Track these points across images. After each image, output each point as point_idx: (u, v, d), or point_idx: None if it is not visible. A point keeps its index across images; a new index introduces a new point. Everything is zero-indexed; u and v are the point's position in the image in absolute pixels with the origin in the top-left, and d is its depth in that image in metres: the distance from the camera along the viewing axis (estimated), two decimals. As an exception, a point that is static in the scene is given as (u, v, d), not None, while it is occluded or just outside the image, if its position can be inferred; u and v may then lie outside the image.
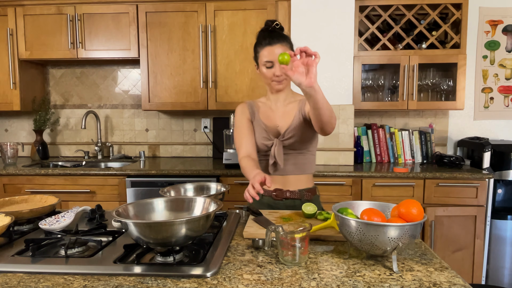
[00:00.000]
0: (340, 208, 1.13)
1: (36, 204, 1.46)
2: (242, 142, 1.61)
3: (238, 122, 1.66)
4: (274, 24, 1.59)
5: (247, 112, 1.67)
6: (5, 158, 2.92)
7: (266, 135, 1.61)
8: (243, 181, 2.57)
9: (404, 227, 0.97)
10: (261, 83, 2.79)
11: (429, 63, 2.77)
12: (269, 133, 1.62)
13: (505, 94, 3.06)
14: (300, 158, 1.63)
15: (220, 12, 2.77)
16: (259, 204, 1.64)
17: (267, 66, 1.55)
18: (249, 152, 1.59)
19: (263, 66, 1.57)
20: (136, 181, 2.60)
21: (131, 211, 1.12)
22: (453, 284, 0.93)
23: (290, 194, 1.62)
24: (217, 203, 1.14)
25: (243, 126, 1.64)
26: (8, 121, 3.37)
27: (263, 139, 1.61)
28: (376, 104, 2.86)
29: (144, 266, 1.00)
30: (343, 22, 2.69)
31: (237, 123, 1.67)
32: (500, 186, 2.66)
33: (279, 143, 1.58)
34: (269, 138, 1.61)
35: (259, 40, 1.60)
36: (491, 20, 3.01)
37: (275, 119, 1.64)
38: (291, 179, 1.63)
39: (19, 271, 1.00)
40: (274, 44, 1.54)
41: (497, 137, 3.07)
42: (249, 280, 0.94)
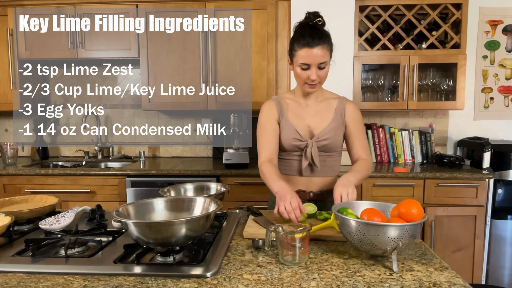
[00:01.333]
0: (340, 208, 1.13)
1: (36, 204, 1.46)
2: (264, 146, 1.55)
3: (263, 122, 1.58)
4: (317, 20, 1.46)
5: (275, 111, 1.57)
6: (5, 158, 2.92)
7: (297, 136, 1.53)
8: (243, 181, 2.57)
9: (404, 227, 0.97)
10: (262, 83, 2.80)
11: (429, 63, 2.77)
12: (300, 133, 1.54)
13: (505, 94, 3.06)
14: (329, 160, 1.58)
15: (220, 12, 2.77)
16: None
17: (303, 68, 1.45)
18: (271, 157, 1.53)
19: (298, 67, 1.46)
20: (136, 181, 2.59)
21: (131, 211, 1.12)
22: (453, 284, 0.93)
23: (313, 195, 1.56)
24: (217, 203, 1.14)
25: (268, 128, 1.56)
26: (8, 121, 3.37)
27: (293, 140, 1.53)
28: (376, 104, 2.86)
29: (144, 266, 1.01)
30: (343, 22, 2.69)
31: (261, 123, 1.59)
32: (500, 186, 2.66)
33: (315, 144, 1.52)
34: (301, 139, 1.53)
35: (297, 36, 1.46)
36: (491, 20, 3.01)
37: (306, 118, 1.56)
38: (317, 180, 1.58)
39: (19, 271, 1.00)
40: (313, 46, 1.42)
41: (497, 137, 3.07)
42: (249, 280, 0.94)
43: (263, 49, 2.77)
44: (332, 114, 1.56)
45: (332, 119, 1.56)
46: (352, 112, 1.59)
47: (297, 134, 1.54)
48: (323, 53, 1.43)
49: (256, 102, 2.80)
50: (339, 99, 1.61)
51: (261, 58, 2.78)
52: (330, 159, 1.58)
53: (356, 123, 1.59)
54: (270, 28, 2.74)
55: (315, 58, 1.42)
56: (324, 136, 1.53)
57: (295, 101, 1.59)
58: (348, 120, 1.57)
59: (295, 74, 1.50)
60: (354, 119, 1.59)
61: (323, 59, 1.43)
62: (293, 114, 1.57)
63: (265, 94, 2.79)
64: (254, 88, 2.81)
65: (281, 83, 2.83)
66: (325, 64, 1.45)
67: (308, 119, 1.56)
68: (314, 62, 1.43)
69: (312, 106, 1.58)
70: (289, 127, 1.55)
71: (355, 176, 1.42)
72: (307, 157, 1.53)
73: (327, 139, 1.53)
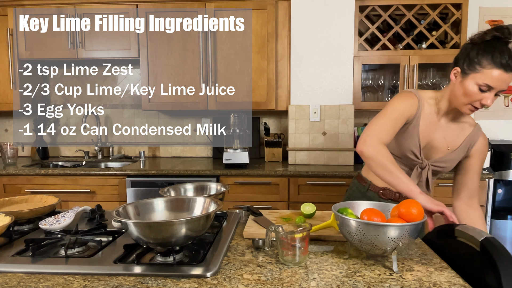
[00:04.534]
0: (340, 208, 1.13)
1: (36, 204, 1.46)
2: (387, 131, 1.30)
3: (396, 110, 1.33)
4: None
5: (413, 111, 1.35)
6: (5, 158, 2.92)
7: (416, 151, 1.36)
8: (243, 181, 2.57)
9: (404, 227, 0.97)
10: (261, 83, 2.79)
11: (429, 63, 2.77)
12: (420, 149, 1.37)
13: (505, 94, 3.06)
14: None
15: (220, 12, 2.77)
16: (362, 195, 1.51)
17: (482, 89, 1.22)
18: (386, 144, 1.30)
19: (476, 85, 1.23)
20: (136, 181, 2.59)
21: (131, 211, 1.12)
22: (453, 284, 0.93)
23: (398, 195, 1.44)
24: (217, 203, 1.14)
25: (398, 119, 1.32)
26: (8, 121, 3.37)
27: (410, 153, 1.37)
28: (376, 104, 2.85)
29: (144, 266, 1.00)
30: (343, 22, 2.69)
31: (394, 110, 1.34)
32: (500, 186, 2.66)
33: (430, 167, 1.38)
34: (418, 155, 1.37)
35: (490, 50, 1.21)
36: (491, 20, 3.01)
37: (434, 138, 1.38)
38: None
39: (19, 271, 1.00)
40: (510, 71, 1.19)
41: (497, 137, 3.07)
42: (249, 280, 0.94)
43: (263, 49, 2.77)
44: (461, 141, 1.39)
45: (458, 147, 1.39)
46: (482, 147, 1.41)
47: (417, 148, 1.36)
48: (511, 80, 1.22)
49: (256, 102, 2.80)
50: (474, 127, 1.41)
51: (261, 58, 2.78)
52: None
53: (482, 160, 1.43)
54: (270, 28, 2.75)
55: (503, 84, 1.21)
56: (442, 163, 1.39)
57: (433, 110, 1.38)
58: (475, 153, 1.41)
59: (465, 90, 1.25)
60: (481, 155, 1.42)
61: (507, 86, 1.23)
62: (424, 124, 1.36)
63: (265, 94, 2.80)
64: (254, 88, 2.81)
65: (281, 83, 2.83)
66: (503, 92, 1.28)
67: (436, 139, 1.38)
68: (499, 88, 1.21)
69: (446, 126, 1.39)
70: (414, 136, 1.35)
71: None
72: (421, 179, 1.39)
73: (446, 168, 1.40)
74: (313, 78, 2.75)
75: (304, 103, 2.78)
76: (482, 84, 1.21)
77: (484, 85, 1.21)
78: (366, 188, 1.52)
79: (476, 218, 1.43)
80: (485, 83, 1.21)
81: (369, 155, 1.27)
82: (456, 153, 1.39)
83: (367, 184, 1.52)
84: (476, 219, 1.42)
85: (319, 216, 1.44)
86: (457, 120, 1.40)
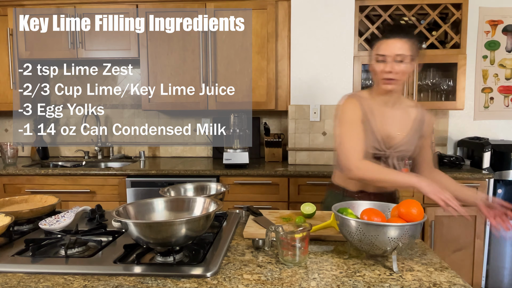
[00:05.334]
0: (340, 208, 1.13)
1: (36, 204, 1.46)
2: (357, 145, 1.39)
3: (350, 120, 1.44)
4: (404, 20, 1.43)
5: (359, 111, 1.45)
6: (5, 158, 2.92)
7: (377, 145, 1.44)
8: (243, 181, 2.57)
9: (404, 227, 0.98)
10: (261, 83, 2.80)
11: (429, 63, 2.77)
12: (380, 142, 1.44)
13: (505, 94, 3.06)
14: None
15: (220, 12, 2.77)
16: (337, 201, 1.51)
17: (378, 59, 1.39)
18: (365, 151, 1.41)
19: (374, 60, 1.41)
20: (136, 181, 2.59)
21: (131, 211, 1.12)
22: (453, 284, 0.93)
23: (374, 197, 1.46)
24: (217, 203, 1.14)
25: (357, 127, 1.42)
26: (8, 121, 3.37)
27: (372, 148, 1.44)
28: (376, 104, 2.85)
29: (144, 266, 1.00)
30: (343, 22, 2.69)
31: (348, 121, 1.44)
32: (500, 186, 2.66)
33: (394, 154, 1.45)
34: (380, 148, 1.44)
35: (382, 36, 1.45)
36: (491, 20, 3.01)
37: (386, 125, 1.46)
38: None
39: (19, 271, 1.00)
40: (391, 37, 1.38)
41: (497, 137, 3.07)
42: (249, 280, 0.94)
43: (263, 49, 2.77)
44: (411, 124, 1.49)
45: (411, 128, 1.49)
46: (431, 124, 1.55)
47: (377, 142, 1.44)
48: (401, 44, 1.37)
49: (256, 102, 2.80)
50: (418, 108, 1.53)
51: (261, 58, 2.78)
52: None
53: (432, 135, 1.56)
54: (270, 28, 2.75)
55: (392, 49, 1.36)
56: (403, 146, 1.47)
57: (375, 104, 1.48)
58: (427, 133, 1.52)
59: (372, 71, 1.44)
60: (431, 131, 1.55)
61: (400, 50, 1.36)
62: (374, 118, 1.46)
63: (265, 94, 2.80)
64: (254, 88, 2.81)
65: (281, 83, 2.83)
66: (402, 58, 1.37)
67: (387, 126, 1.46)
68: (390, 53, 1.37)
69: (392, 113, 1.48)
70: (371, 133, 1.44)
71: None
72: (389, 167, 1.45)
73: (406, 150, 1.48)
74: (313, 78, 2.74)
75: (304, 103, 2.78)
76: (376, 56, 1.40)
77: (378, 56, 1.40)
78: (341, 195, 1.54)
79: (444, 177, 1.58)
80: (377, 53, 1.40)
81: (359, 177, 1.39)
82: (410, 135, 1.48)
83: (341, 190, 1.56)
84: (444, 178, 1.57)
85: (319, 216, 1.44)
86: (399, 106, 1.50)
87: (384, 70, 1.38)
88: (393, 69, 1.37)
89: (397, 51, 1.36)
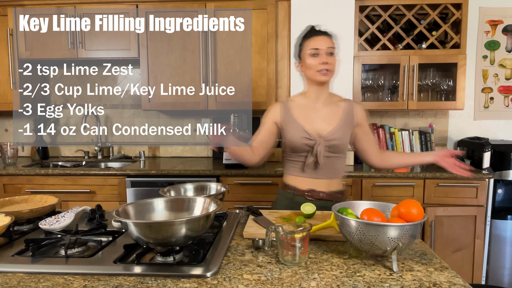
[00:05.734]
0: (340, 208, 1.13)
1: (36, 204, 1.46)
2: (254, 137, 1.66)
3: (262, 123, 1.68)
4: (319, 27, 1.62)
5: (277, 113, 1.64)
6: (5, 158, 2.92)
7: (306, 135, 1.58)
8: (243, 181, 2.57)
9: (404, 227, 0.98)
10: (262, 83, 2.79)
11: (429, 63, 2.77)
12: (309, 133, 1.58)
13: (505, 94, 3.06)
14: (336, 162, 1.62)
15: (220, 12, 2.77)
16: (289, 201, 1.64)
17: (312, 53, 1.53)
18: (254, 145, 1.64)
19: (307, 56, 1.54)
20: (136, 181, 2.59)
21: (131, 211, 1.12)
22: (453, 284, 0.93)
23: (323, 195, 1.59)
24: (217, 203, 1.14)
25: (263, 126, 1.67)
26: (8, 121, 3.37)
27: (302, 139, 1.58)
28: (376, 104, 2.86)
29: (144, 266, 1.01)
30: (343, 22, 2.69)
31: (262, 121, 1.68)
32: (500, 186, 2.66)
33: (323, 142, 1.56)
34: (310, 137, 1.57)
35: (303, 36, 1.59)
36: (491, 20, 3.01)
37: (315, 120, 1.60)
38: (324, 182, 1.61)
39: (19, 271, 1.00)
40: (320, 35, 1.55)
41: (497, 137, 3.07)
42: (249, 280, 0.94)
43: (263, 49, 2.77)
44: (340, 115, 1.61)
45: (340, 119, 1.60)
46: (362, 112, 1.66)
47: (306, 133, 1.57)
48: (329, 39, 1.55)
49: (256, 102, 2.80)
50: (346, 101, 1.67)
51: (261, 58, 2.78)
52: (337, 161, 1.62)
53: (367, 121, 1.67)
54: (270, 28, 2.75)
55: (324, 43, 1.53)
56: (333, 136, 1.57)
57: (305, 103, 1.63)
58: (361, 121, 1.64)
59: (306, 67, 1.56)
60: (364, 118, 1.66)
61: (331, 43, 1.54)
62: (301, 115, 1.61)
63: (265, 94, 2.80)
64: (254, 88, 2.81)
65: (281, 83, 2.83)
66: (333, 50, 1.54)
67: (317, 120, 1.60)
68: (323, 47, 1.52)
69: (321, 109, 1.62)
70: (297, 127, 1.59)
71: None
72: (313, 154, 1.56)
73: (337, 139, 1.57)
74: (313, 78, 2.74)
75: (304, 103, 2.78)
76: (310, 51, 1.53)
77: (312, 50, 1.53)
78: (292, 194, 1.63)
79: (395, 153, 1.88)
80: (311, 48, 1.53)
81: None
82: (340, 126, 1.59)
83: (292, 189, 1.64)
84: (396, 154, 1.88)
85: (319, 216, 1.44)
86: (330, 102, 1.64)
87: (320, 62, 1.52)
88: (328, 60, 1.53)
89: (328, 44, 1.54)
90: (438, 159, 1.56)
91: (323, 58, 1.52)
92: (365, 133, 1.66)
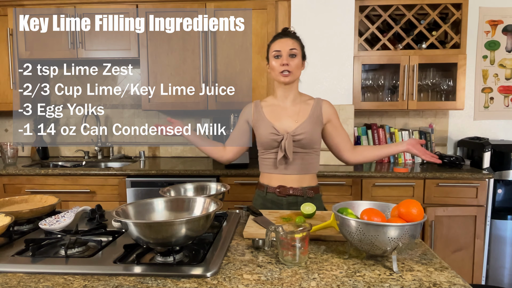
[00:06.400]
0: (340, 208, 1.13)
1: (36, 204, 1.46)
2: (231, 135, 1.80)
3: (238, 120, 1.78)
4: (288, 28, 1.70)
5: (248, 112, 1.74)
6: (5, 158, 2.92)
7: (274, 131, 1.63)
8: (243, 181, 2.57)
9: (404, 227, 0.97)
10: (261, 83, 2.80)
11: (429, 63, 2.77)
12: (276, 129, 1.64)
13: (505, 94, 3.06)
14: (306, 158, 1.66)
15: (220, 12, 2.77)
16: (263, 200, 1.68)
17: (275, 55, 1.60)
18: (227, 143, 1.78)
19: (271, 58, 1.62)
20: (136, 181, 2.59)
21: (131, 211, 1.12)
22: (453, 284, 0.93)
23: (293, 191, 1.64)
24: (217, 203, 1.14)
25: (236, 125, 1.79)
26: (8, 121, 3.37)
27: (271, 135, 1.64)
28: (376, 104, 2.86)
29: (144, 266, 1.00)
30: (343, 22, 2.69)
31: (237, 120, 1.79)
32: (500, 186, 2.66)
33: (290, 137, 1.60)
34: (278, 133, 1.63)
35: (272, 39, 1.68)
36: (491, 20, 3.01)
37: (283, 118, 1.66)
38: (295, 178, 1.65)
39: (19, 271, 1.00)
40: (283, 37, 1.62)
41: (497, 137, 3.07)
42: (249, 280, 0.94)
43: (263, 49, 2.77)
44: (308, 113, 1.66)
45: (308, 116, 1.65)
46: (330, 108, 1.70)
47: (274, 129, 1.64)
48: (292, 42, 1.61)
49: (256, 102, 2.80)
50: (315, 99, 1.72)
51: (261, 58, 2.78)
52: (307, 157, 1.66)
53: (337, 117, 1.72)
54: (270, 28, 2.74)
55: (286, 45, 1.59)
56: (300, 131, 1.62)
57: (274, 102, 1.72)
58: (330, 117, 1.68)
59: (271, 68, 1.64)
60: (333, 114, 1.70)
61: (293, 46, 1.60)
62: (271, 113, 1.69)
63: (265, 94, 2.80)
64: (254, 88, 2.81)
65: (281, 83, 2.83)
66: (295, 52, 1.60)
67: (285, 118, 1.66)
68: (285, 49, 1.59)
69: (290, 107, 1.68)
70: (266, 124, 1.66)
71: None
72: (282, 149, 1.61)
73: (303, 134, 1.61)
74: (313, 78, 2.74)
75: (304, 103, 2.78)
76: (274, 53, 1.61)
77: (275, 52, 1.60)
78: (265, 192, 1.70)
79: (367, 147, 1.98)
80: (273, 50, 1.61)
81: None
82: (307, 122, 1.64)
83: (265, 187, 1.70)
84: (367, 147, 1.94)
85: (319, 216, 1.44)
86: (299, 101, 1.69)
87: (281, 63, 1.59)
88: (288, 62, 1.59)
89: (290, 46, 1.60)
90: (410, 147, 1.59)
91: (283, 60, 1.58)
92: (335, 129, 1.70)
